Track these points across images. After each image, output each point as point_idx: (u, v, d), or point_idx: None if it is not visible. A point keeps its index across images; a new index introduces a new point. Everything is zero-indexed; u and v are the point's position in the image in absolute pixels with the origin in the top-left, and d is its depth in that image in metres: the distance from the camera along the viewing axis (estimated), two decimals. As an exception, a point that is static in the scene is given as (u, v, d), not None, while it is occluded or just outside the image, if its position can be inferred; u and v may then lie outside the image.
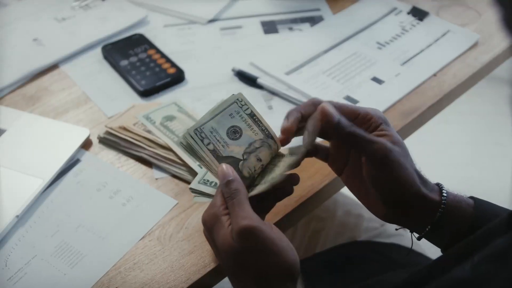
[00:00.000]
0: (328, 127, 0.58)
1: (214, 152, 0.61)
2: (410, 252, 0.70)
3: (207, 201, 0.66)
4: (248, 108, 0.63)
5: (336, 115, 0.57)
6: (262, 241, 0.54)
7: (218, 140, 0.61)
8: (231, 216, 0.56)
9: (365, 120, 0.62)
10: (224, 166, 0.59)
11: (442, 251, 0.65)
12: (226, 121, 0.62)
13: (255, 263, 0.54)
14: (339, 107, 0.61)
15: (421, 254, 0.91)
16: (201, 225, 0.71)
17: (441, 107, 0.94)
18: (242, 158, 0.62)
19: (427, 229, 0.61)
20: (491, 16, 1.06)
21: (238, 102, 0.63)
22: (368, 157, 0.58)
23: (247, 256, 0.54)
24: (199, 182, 0.67)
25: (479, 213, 0.61)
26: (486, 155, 2.07)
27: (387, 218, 0.63)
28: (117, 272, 0.67)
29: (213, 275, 0.68)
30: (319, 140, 0.65)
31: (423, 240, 0.65)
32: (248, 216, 0.54)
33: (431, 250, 0.97)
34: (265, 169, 0.64)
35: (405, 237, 0.94)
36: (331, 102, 0.60)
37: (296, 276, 0.55)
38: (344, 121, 0.57)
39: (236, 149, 0.61)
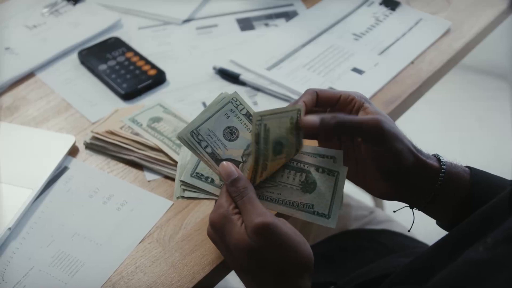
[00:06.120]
0: (316, 133, 0.59)
1: (213, 155, 0.59)
2: (410, 229, 0.71)
3: (196, 197, 0.62)
4: (243, 108, 0.62)
5: (315, 119, 0.57)
6: (279, 237, 0.53)
7: (216, 143, 0.59)
8: (243, 215, 0.55)
9: (347, 101, 0.63)
10: (225, 164, 0.58)
11: (438, 223, 0.66)
12: (222, 122, 0.60)
13: (273, 259, 0.54)
14: (320, 92, 0.63)
15: (412, 238, 0.93)
16: (199, 224, 0.72)
17: (420, 94, 0.96)
18: (241, 160, 0.60)
19: (431, 195, 0.62)
20: (460, 4, 1.09)
21: (233, 102, 0.61)
22: (364, 137, 0.59)
23: (265, 253, 0.54)
24: (191, 176, 0.63)
25: (477, 180, 0.62)
26: (454, 142, 2.12)
27: (388, 195, 0.64)
28: (119, 277, 0.66)
29: (217, 273, 0.68)
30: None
31: (414, 225, 0.66)
32: (262, 213, 0.54)
33: (423, 236, 0.99)
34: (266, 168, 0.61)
35: (395, 223, 0.96)
36: (311, 89, 0.63)
37: (311, 268, 0.55)
38: (325, 117, 0.58)
39: (234, 152, 0.60)
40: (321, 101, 0.64)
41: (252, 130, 0.56)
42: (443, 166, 0.62)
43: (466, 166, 0.65)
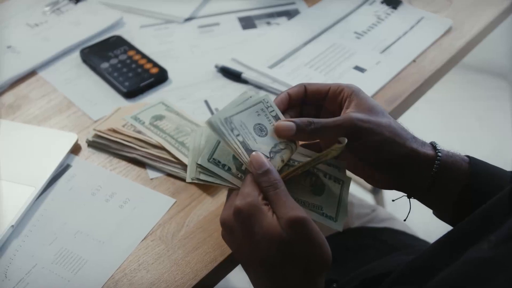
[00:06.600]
0: (292, 138, 0.60)
1: (244, 144, 0.58)
2: (406, 219, 0.70)
3: (212, 182, 0.61)
4: (273, 110, 0.62)
5: (291, 126, 0.59)
6: (311, 232, 0.53)
7: (247, 134, 0.59)
8: (276, 206, 0.54)
9: (337, 92, 0.64)
10: (256, 154, 0.57)
11: (434, 213, 0.66)
12: (253, 118, 0.61)
13: (302, 254, 0.54)
14: (308, 85, 0.64)
15: (414, 236, 0.93)
16: (202, 221, 0.72)
17: (421, 92, 0.96)
18: (269, 156, 0.60)
19: (427, 183, 0.61)
20: (461, 3, 1.09)
21: (264, 102, 0.62)
22: (341, 136, 0.59)
23: (296, 246, 0.53)
24: (209, 161, 0.60)
25: (476, 170, 0.62)
26: (455, 142, 2.12)
27: (387, 184, 0.64)
28: (122, 275, 0.66)
29: (220, 270, 0.68)
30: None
31: (415, 223, 0.65)
32: (296, 207, 0.54)
33: (424, 234, 0.99)
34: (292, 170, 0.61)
35: (397, 221, 0.96)
36: (301, 84, 0.64)
37: (329, 268, 0.55)
38: (300, 124, 0.59)
39: (263, 147, 0.59)
40: (310, 95, 0.64)
41: (324, 152, 0.58)
42: (439, 153, 0.61)
43: (466, 156, 0.65)
